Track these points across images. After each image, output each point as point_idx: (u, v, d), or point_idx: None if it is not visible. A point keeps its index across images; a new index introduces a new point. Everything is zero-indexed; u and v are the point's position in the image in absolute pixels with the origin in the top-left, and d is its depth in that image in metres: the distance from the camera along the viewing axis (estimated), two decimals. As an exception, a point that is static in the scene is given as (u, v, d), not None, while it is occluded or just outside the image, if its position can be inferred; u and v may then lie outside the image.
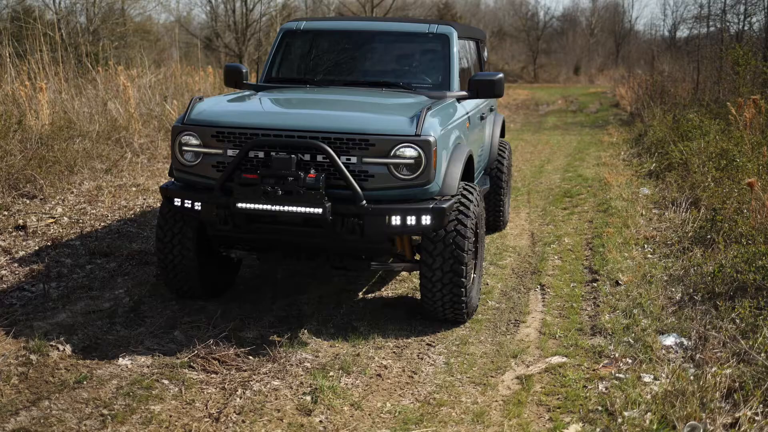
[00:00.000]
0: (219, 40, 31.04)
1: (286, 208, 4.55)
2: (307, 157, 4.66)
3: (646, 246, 7.02)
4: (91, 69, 13.88)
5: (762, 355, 4.23)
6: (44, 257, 6.28)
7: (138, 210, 8.04)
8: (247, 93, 5.74)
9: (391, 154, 4.63)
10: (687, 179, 9.15)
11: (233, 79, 6.10)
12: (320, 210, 4.51)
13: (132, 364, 4.44)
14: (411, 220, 4.66)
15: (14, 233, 6.94)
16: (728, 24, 21.06)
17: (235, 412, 3.92)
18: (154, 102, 13.30)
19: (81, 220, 7.52)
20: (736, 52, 13.18)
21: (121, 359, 4.49)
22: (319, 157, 4.64)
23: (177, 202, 4.94)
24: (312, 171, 4.61)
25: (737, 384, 3.95)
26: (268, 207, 4.57)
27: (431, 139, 4.66)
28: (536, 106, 25.75)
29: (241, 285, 5.95)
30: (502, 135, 8.12)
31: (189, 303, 5.43)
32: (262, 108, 5.17)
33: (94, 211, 7.95)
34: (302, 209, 4.53)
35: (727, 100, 12.35)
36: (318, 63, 6.24)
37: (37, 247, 6.54)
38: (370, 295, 5.82)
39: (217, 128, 4.81)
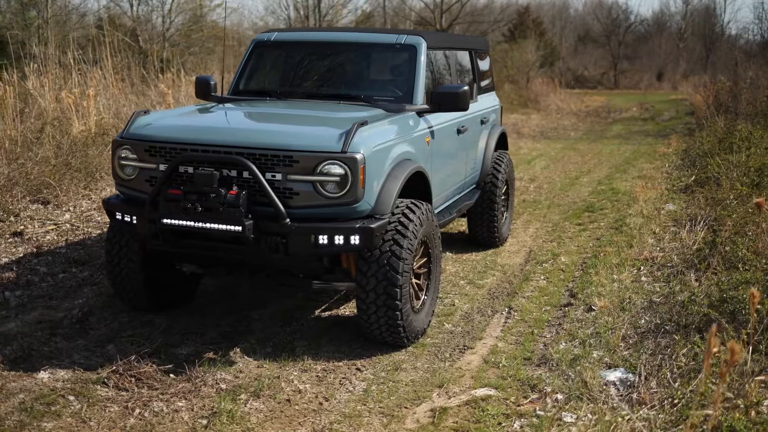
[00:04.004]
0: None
1: (207, 224, 4.48)
2: (233, 173, 4.57)
3: (642, 268, 6.57)
4: (146, 75, 14.29)
5: (697, 398, 3.85)
6: (24, 264, 6.44)
7: (140, 218, 8.13)
8: (205, 106, 5.69)
9: (317, 171, 4.48)
10: (718, 195, 8.56)
11: (202, 90, 6.08)
12: (239, 228, 4.41)
13: (49, 378, 4.44)
14: (339, 239, 4.50)
15: (10, 239, 7.15)
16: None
17: (121, 433, 3.86)
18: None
19: (80, 228, 7.68)
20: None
21: (42, 372, 4.50)
22: (245, 173, 4.55)
23: (118, 215, 4.96)
24: (234, 188, 4.51)
25: None
26: (190, 223, 4.51)
27: (359, 156, 4.48)
28: (608, 113, 24.85)
29: (202, 298, 5.91)
30: (505, 147, 7.79)
31: (139, 315, 5.43)
32: (197, 123, 5.10)
33: (99, 217, 8.12)
34: (222, 226, 4.44)
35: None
36: (283, 75, 6.14)
37: (22, 254, 6.71)
38: (326, 312, 5.67)
39: (149, 143, 4.79)
